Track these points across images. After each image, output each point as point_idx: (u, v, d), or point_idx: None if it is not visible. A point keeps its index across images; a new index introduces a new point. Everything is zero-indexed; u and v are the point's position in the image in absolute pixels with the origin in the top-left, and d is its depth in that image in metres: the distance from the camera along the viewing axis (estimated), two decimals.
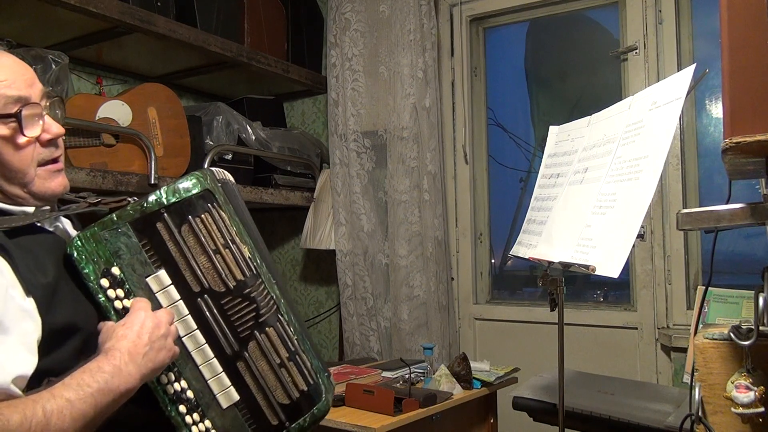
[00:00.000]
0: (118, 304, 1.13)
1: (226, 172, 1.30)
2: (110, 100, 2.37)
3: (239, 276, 1.17)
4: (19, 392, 0.98)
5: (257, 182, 2.94)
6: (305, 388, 1.20)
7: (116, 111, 2.35)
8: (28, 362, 1.00)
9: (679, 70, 2.17)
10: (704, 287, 1.64)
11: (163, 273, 1.14)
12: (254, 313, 1.17)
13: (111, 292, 1.12)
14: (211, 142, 2.74)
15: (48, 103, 1.14)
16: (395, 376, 2.33)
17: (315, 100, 3.43)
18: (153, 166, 2.34)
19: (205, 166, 2.60)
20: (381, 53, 2.97)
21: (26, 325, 1.00)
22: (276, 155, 2.98)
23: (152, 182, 2.34)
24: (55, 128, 1.13)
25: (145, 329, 1.06)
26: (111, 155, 2.30)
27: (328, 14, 3.10)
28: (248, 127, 2.90)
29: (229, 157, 2.80)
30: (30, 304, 1.01)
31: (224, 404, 1.16)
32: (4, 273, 1.00)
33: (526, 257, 1.76)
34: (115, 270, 1.13)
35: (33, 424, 0.92)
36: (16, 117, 1.07)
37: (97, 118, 2.29)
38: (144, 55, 2.75)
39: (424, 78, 2.87)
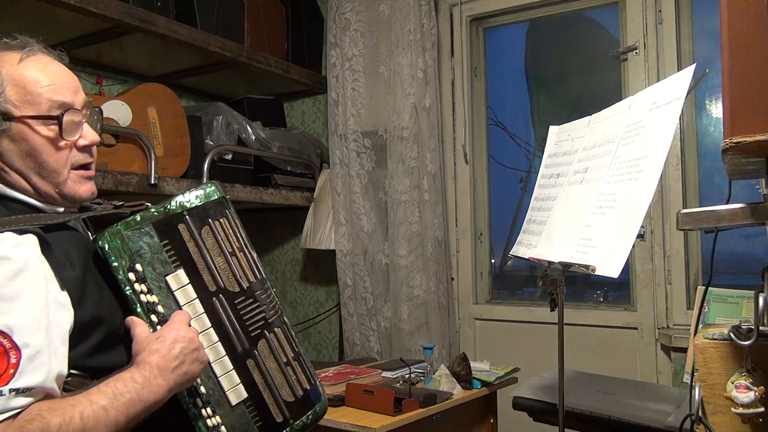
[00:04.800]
0: (143, 298, 1.17)
1: None
2: (110, 100, 2.37)
3: (251, 278, 1.24)
4: (58, 391, 1.03)
5: (257, 182, 2.94)
6: (308, 387, 1.27)
7: (116, 111, 2.35)
8: (65, 358, 1.04)
9: (679, 70, 2.16)
10: (704, 287, 1.64)
11: (181, 272, 1.19)
12: (263, 314, 1.24)
13: (138, 286, 1.17)
14: (211, 142, 2.74)
15: (87, 112, 1.21)
16: (395, 376, 2.33)
17: (315, 100, 3.43)
18: (153, 166, 2.34)
19: (205, 165, 2.60)
20: (381, 53, 2.97)
21: (61, 316, 1.05)
22: (276, 155, 2.98)
23: (152, 182, 2.34)
24: (92, 136, 1.22)
25: (177, 344, 1.12)
26: (111, 155, 2.30)
27: (328, 14, 3.10)
28: (248, 127, 2.90)
29: (229, 157, 2.80)
30: (65, 297, 1.06)
31: (233, 401, 1.20)
32: (44, 269, 1.05)
33: (526, 257, 1.76)
34: (138, 267, 1.17)
35: (71, 429, 0.98)
36: (58, 120, 1.15)
37: None
38: (144, 55, 2.75)
39: (424, 78, 2.87)
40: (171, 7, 2.56)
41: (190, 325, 1.16)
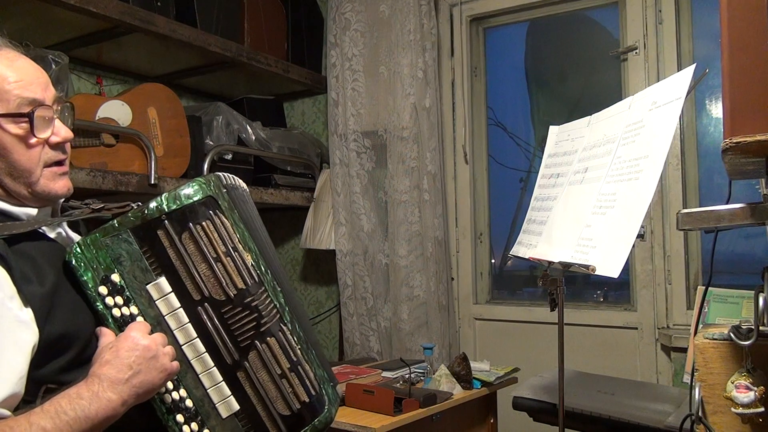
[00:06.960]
0: (116, 312, 1.12)
1: (236, 177, 1.28)
2: (110, 100, 2.37)
3: (240, 284, 1.16)
4: (7, 413, 0.98)
5: (257, 182, 2.94)
6: (307, 399, 1.19)
7: (116, 111, 2.35)
8: (20, 379, 0.99)
9: (679, 70, 2.17)
10: (704, 287, 1.64)
11: (163, 280, 1.13)
12: (255, 322, 1.16)
13: (109, 300, 1.12)
14: (211, 142, 2.74)
15: (59, 108, 1.16)
16: (395, 376, 2.33)
17: (315, 100, 3.43)
18: (153, 166, 2.34)
19: (205, 165, 2.60)
20: (381, 53, 2.97)
21: (22, 334, 1.00)
22: (276, 155, 2.98)
23: (152, 182, 2.34)
24: (65, 132, 1.16)
25: (131, 353, 1.05)
26: (111, 155, 2.30)
27: (328, 14, 3.10)
28: (248, 127, 2.90)
29: (229, 157, 2.80)
30: (27, 314, 1.01)
31: (224, 414, 1.15)
32: (2, 284, 1.00)
33: (526, 257, 1.76)
34: (115, 277, 1.13)
35: None
36: (29, 117, 1.09)
37: (97, 118, 2.29)
38: (144, 55, 2.75)
39: (424, 78, 2.87)
40: (171, 7, 2.56)
41: (151, 333, 1.09)
